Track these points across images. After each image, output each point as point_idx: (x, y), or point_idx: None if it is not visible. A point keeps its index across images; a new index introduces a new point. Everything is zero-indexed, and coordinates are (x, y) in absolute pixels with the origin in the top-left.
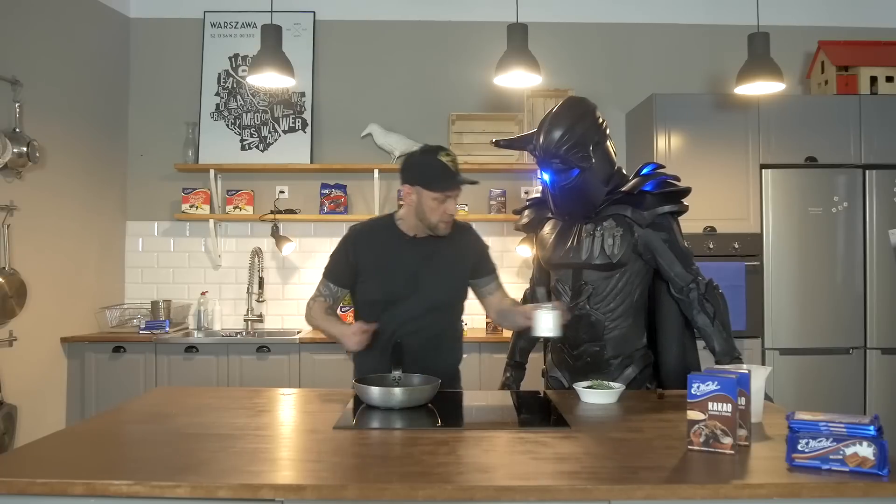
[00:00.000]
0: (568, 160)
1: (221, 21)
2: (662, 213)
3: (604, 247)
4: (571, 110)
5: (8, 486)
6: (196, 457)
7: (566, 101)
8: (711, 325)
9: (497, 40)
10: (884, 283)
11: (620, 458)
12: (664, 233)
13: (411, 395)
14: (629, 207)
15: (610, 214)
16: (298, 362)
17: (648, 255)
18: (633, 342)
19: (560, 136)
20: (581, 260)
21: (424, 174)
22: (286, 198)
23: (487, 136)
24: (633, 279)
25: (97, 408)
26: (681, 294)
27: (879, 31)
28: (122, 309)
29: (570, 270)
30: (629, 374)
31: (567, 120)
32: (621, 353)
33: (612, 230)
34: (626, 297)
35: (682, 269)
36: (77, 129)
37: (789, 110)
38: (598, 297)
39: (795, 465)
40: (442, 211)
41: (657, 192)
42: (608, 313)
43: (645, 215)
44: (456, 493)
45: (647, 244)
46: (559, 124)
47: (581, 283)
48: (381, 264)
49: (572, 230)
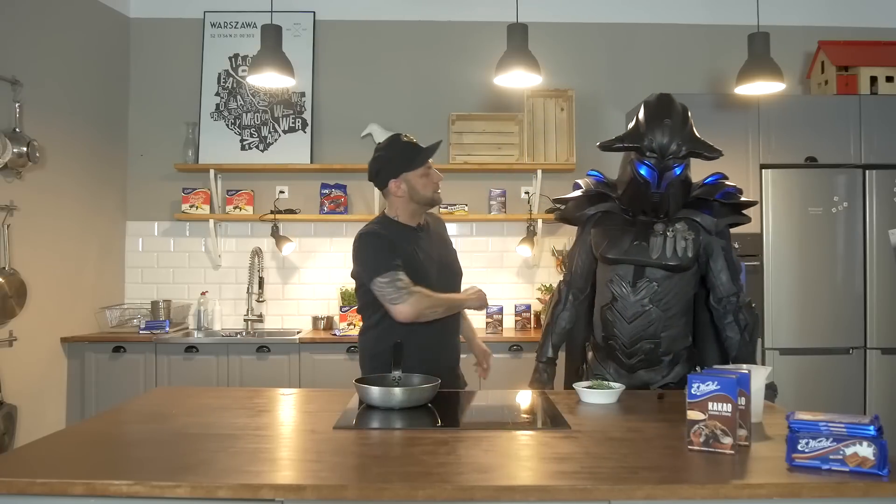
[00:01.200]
0: (685, 155)
1: (221, 21)
2: (731, 223)
3: (676, 249)
4: (675, 106)
5: (8, 486)
6: (196, 457)
7: (663, 97)
8: (739, 335)
9: (497, 40)
10: (884, 283)
11: (620, 458)
12: (724, 241)
13: (411, 395)
14: (700, 213)
15: (681, 217)
16: (298, 362)
17: (704, 257)
18: (682, 341)
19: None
20: (650, 258)
21: (403, 160)
22: (286, 198)
23: (487, 137)
24: (691, 280)
25: (97, 408)
26: (718, 304)
27: (879, 31)
28: (122, 309)
29: (631, 267)
30: (679, 372)
31: (679, 114)
32: (672, 350)
33: (684, 233)
34: (683, 297)
35: (729, 280)
36: (77, 129)
37: (789, 110)
38: (659, 294)
39: (795, 465)
40: (432, 182)
41: (726, 202)
42: (667, 311)
43: (716, 222)
44: (456, 493)
45: (707, 247)
46: (674, 118)
47: (644, 280)
48: (410, 260)
49: (634, 226)
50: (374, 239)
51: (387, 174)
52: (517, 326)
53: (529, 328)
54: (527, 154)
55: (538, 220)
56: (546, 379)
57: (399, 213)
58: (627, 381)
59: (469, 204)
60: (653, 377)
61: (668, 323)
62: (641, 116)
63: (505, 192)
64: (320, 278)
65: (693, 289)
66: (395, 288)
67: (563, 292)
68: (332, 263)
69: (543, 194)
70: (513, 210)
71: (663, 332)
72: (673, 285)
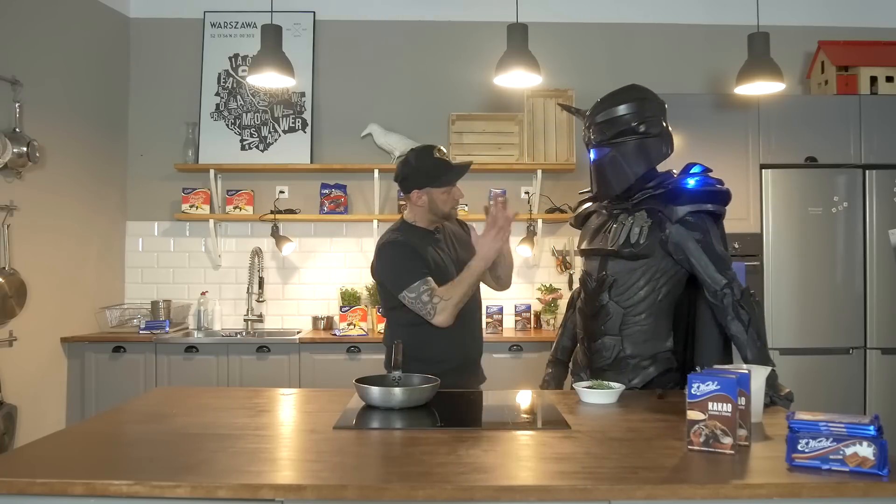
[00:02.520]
0: (603, 133)
1: (221, 21)
2: (695, 211)
3: (629, 236)
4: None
5: (8, 486)
6: (196, 457)
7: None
8: (745, 332)
9: (497, 40)
10: (884, 283)
11: (620, 458)
12: (698, 233)
13: (411, 395)
14: (666, 203)
15: (645, 207)
16: (298, 362)
17: (680, 254)
18: (656, 344)
19: (605, 109)
20: (607, 247)
21: (430, 175)
22: (286, 198)
23: (487, 137)
24: (659, 276)
25: (97, 408)
26: (715, 299)
27: (879, 31)
28: (122, 309)
29: (597, 260)
30: (650, 373)
31: (619, 97)
32: (640, 353)
33: (641, 220)
34: (649, 294)
35: (716, 273)
36: (77, 129)
37: (789, 110)
38: (619, 288)
39: (795, 465)
40: (452, 199)
41: (697, 190)
42: (629, 308)
43: (677, 210)
44: (456, 493)
45: (679, 243)
46: (609, 99)
47: (605, 274)
48: (432, 260)
49: (607, 221)
50: (397, 248)
51: (412, 183)
52: (517, 326)
53: (529, 328)
54: (527, 154)
55: (538, 220)
56: (549, 379)
57: (417, 219)
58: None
59: (469, 204)
60: (620, 380)
61: (632, 321)
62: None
63: (505, 192)
64: (320, 278)
65: (666, 287)
66: (422, 303)
67: (574, 295)
68: (332, 263)
69: (543, 194)
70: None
71: (625, 329)
72: (635, 280)
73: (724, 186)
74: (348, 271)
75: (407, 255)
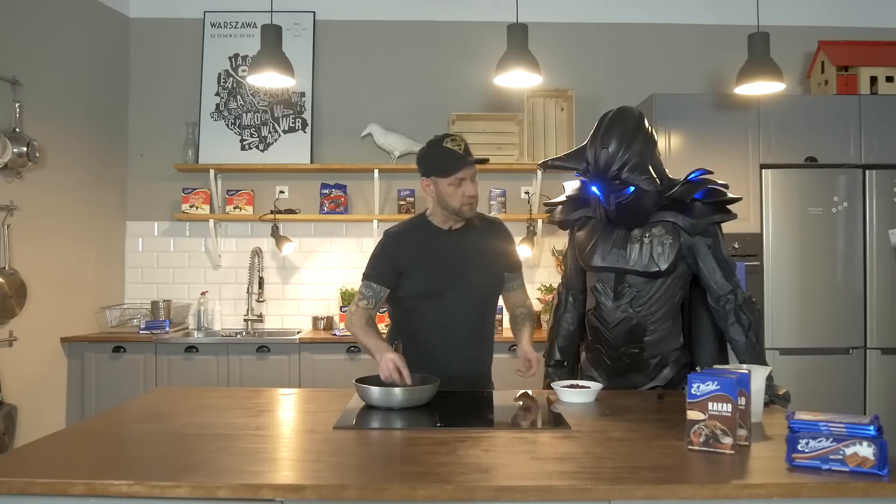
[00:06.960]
0: (627, 182)
1: (221, 21)
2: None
3: (653, 255)
4: (623, 124)
5: (8, 486)
6: (196, 457)
7: (615, 115)
8: (745, 336)
9: (497, 40)
10: (884, 283)
11: (620, 458)
12: (710, 239)
13: (411, 395)
14: (679, 215)
15: (658, 221)
16: (298, 362)
17: (691, 258)
18: (670, 343)
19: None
20: (628, 266)
21: (434, 164)
22: (286, 198)
23: (487, 136)
24: (676, 283)
25: (97, 408)
26: (717, 304)
27: (879, 31)
28: (122, 309)
29: (612, 274)
30: (666, 375)
31: (621, 137)
32: (659, 353)
33: (661, 238)
34: (667, 301)
35: (723, 279)
36: (77, 129)
37: (789, 110)
38: (640, 300)
39: (795, 465)
40: (461, 194)
41: (707, 200)
42: (649, 316)
43: (696, 224)
44: (456, 493)
45: (692, 248)
46: (614, 142)
47: (624, 286)
48: (424, 259)
49: (615, 233)
50: (381, 240)
51: (422, 171)
52: None
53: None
54: (527, 154)
55: (538, 220)
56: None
57: (434, 214)
58: (616, 383)
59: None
60: (641, 380)
61: (653, 327)
62: (590, 135)
63: (505, 191)
64: (320, 278)
65: (680, 290)
66: (360, 294)
67: (562, 295)
68: (332, 263)
69: (543, 194)
70: (513, 210)
71: (647, 336)
72: (654, 290)
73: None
74: (348, 271)
75: (378, 251)
